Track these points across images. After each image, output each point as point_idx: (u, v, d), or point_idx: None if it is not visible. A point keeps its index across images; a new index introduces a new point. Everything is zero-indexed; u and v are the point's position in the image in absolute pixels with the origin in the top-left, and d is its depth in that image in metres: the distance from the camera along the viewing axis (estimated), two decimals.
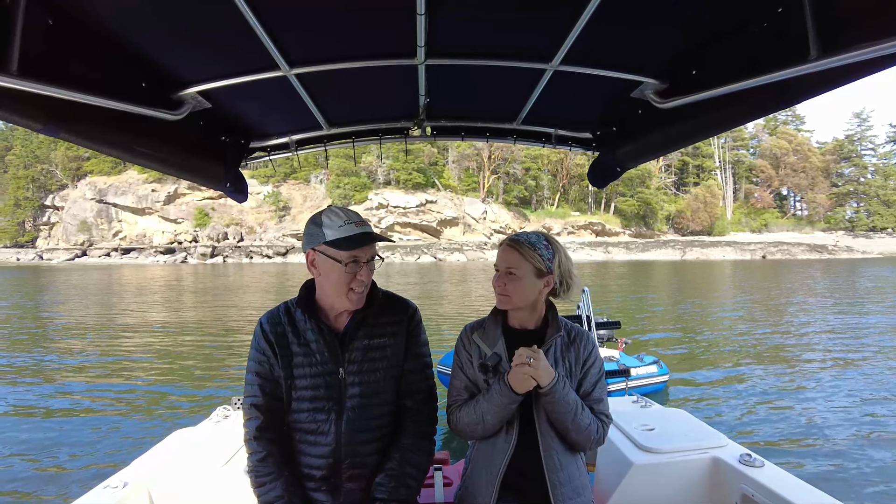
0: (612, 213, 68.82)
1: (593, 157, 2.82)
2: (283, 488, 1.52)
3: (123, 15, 1.44)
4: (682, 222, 71.94)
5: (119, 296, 23.44)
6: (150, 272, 40.90)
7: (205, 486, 2.09)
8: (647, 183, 69.59)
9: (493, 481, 1.59)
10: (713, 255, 56.97)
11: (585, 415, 1.56)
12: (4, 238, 67.89)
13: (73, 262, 57.44)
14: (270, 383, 1.61)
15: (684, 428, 2.42)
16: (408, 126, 2.64)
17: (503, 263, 1.62)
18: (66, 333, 13.59)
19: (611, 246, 59.57)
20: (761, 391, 7.89)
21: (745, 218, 76.85)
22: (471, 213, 62.41)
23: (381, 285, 1.74)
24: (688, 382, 8.39)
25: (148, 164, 1.95)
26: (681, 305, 18.51)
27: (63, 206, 66.26)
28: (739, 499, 1.99)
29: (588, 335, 1.70)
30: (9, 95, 1.20)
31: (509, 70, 1.94)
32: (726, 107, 1.68)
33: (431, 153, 63.12)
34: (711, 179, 77.20)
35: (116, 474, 2.11)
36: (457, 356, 1.74)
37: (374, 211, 59.81)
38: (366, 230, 1.56)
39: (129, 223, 63.73)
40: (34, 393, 8.15)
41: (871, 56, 1.09)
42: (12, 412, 7.26)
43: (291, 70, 1.83)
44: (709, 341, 12.02)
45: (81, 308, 18.90)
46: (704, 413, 6.83)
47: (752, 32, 1.46)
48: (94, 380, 8.92)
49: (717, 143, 79.84)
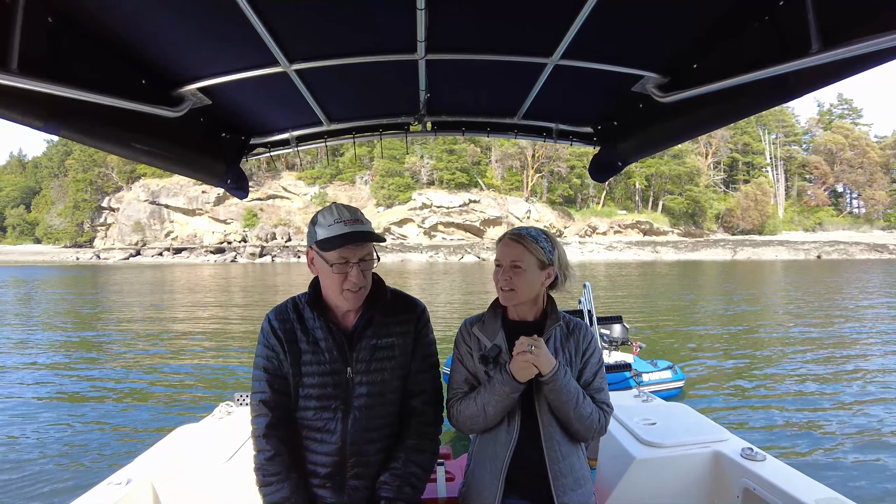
0: (659, 212, 67.34)
1: (594, 152, 2.80)
2: (290, 490, 1.50)
3: (123, 12, 1.43)
4: (732, 221, 69.85)
5: (159, 293, 24.18)
6: (201, 271, 42.23)
7: (208, 482, 2.09)
8: (696, 180, 67.83)
9: (497, 476, 1.60)
10: (765, 255, 55.46)
11: (587, 404, 1.57)
12: (65, 238, 71.25)
13: (127, 261, 59.89)
14: (279, 379, 1.59)
15: (686, 422, 2.43)
16: (408, 121, 2.63)
17: (507, 258, 1.62)
18: (87, 328, 14.03)
19: (659, 245, 58.43)
20: (802, 407, 7.37)
21: (797, 216, 74.18)
22: (514, 212, 61.98)
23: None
24: (706, 389, 8.13)
25: (149, 161, 1.96)
26: (716, 307, 17.97)
27: (118, 207, 69.11)
28: (741, 492, 1.99)
29: (587, 326, 1.72)
30: (9, 93, 1.21)
31: (510, 65, 1.93)
32: (727, 101, 1.67)
33: (475, 152, 63.04)
34: (762, 176, 74.60)
35: (120, 471, 2.10)
36: (456, 349, 1.74)
37: (417, 211, 60.17)
38: (354, 229, 1.51)
39: (181, 223, 65.92)
40: (41, 387, 8.35)
41: (872, 49, 1.09)
42: (14, 405, 7.42)
43: (291, 66, 1.82)
44: (734, 343, 11.58)
45: (111, 304, 19.55)
46: (720, 414, 6.74)
47: (753, 26, 1.46)
48: (98, 376, 9.14)
49: (768, 138, 77.22)
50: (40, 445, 5.94)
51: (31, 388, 8.41)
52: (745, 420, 6.68)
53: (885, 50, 1.10)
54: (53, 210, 73.95)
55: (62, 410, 7.23)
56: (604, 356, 7.49)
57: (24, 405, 7.50)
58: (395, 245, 56.79)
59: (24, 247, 74.68)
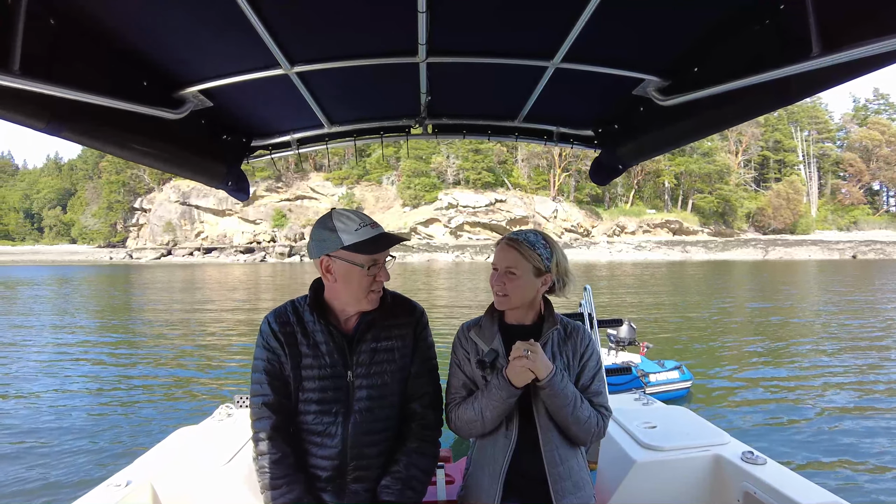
0: (689, 211, 66.29)
1: (595, 155, 2.80)
2: (299, 491, 1.50)
3: (125, 14, 1.42)
4: (763, 220, 68.45)
5: (180, 292, 24.51)
6: (230, 270, 42.84)
7: (208, 483, 2.08)
8: (726, 179, 66.64)
9: (496, 480, 1.59)
10: (798, 255, 54.32)
11: (584, 407, 1.56)
12: (99, 238, 73.25)
13: (158, 261, 61.26)
14: (280, 382, 1.58)
15: (686, 425, 2.42)
16: (409, 124, 2.62)
17: (502, 263, 1.61)
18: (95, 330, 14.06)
19: (689, 245, 57.55)
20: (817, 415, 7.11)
21: (831, 215, 72.22)
22: (541, 211, 61.71)
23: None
24: (713, 390, 7.97)
25: (150, 163, 1.95)
26: (739, 306, 17.58)
27: (150, 208, 70.71)
28: (742, 496, 1.97)
29: (585, 329, 1.71)
30: (11, 95, 1.20)
31: (510, 68, 1.93)
32: (728, 104, 1.66)
33: (500, 152, 62.88)
34: (794, 174, 72.90)
35: (120, 472, 2.10)
36: (454, 354, 1.73)
37: (443, 211, 60.25)
38: (382, 232, 1.56)
39: (211, 224, 67.13)
40: (41, 388, 8.34)
41: (873, 53, 1.08)
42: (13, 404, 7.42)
43: (293, 68, 1.81)
44: (744, 343, 11.27)
45: (130, 303, 19.80)
46: (729, 419, 6.65)
47: (753, 29, 1.45)
48: (103, 375, 9.18)
49: (800, 135, 75.42)
50: (40, 446, 5.93)
51: (31, 389, 8.41)
52: (758, 421, 6.61)
53: (887, 53, 1.08)
54: (88, 211, 76.26)
55: (62, 410, 7.26)
56: (610, 357, 7.15)
57: (24, 405, 7.52)
58: (422, 245, 56.98)
59: (60, 247, 77.11)
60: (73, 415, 7.06)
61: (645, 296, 20.79)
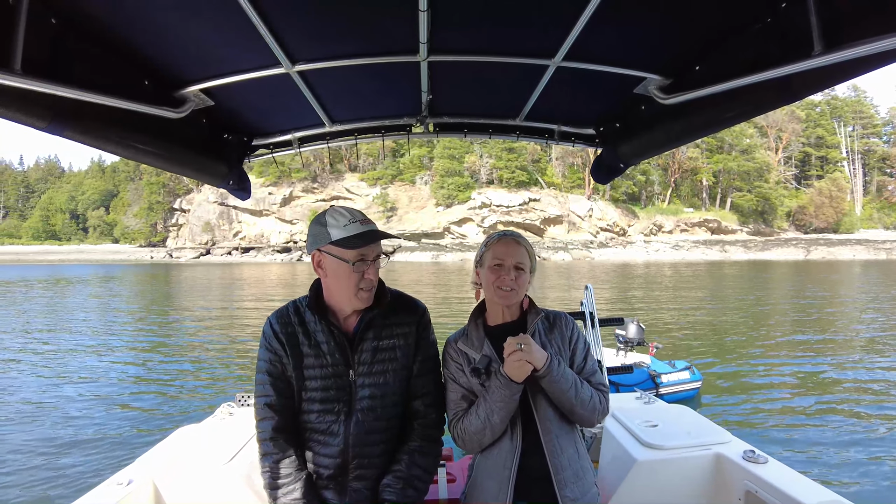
0: (727, 210, 64.79)
1: (596, 154, 2.79)
2: (303, 490, 1.51)
3: (126, 14, 1.42)
4: (805, 219, 66.51)
5: (212, 290, 24.84)
6: (267, 269, 43.49)
7: (210, 482, 2.09)
8: (766, 177, 64.96)
9: (505, 484, 1.60)
10: (841, 255, 52.63)
11: (585, 388, 1.59)
12: (140, 238, 75.59)
13: (198, 260, 62.79)
14: (283, 383, 1.60)
15: (687, 424, 2.41)
16: (410, 123, 2.63)
17: (511, 259, 1.62)
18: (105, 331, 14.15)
19: (727, 244, 56.30)
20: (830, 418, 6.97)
21: (877, 213, 69.88)
22: (576, 210, 61.12)
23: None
24: (724, 390, 7.93)
25: (151, 162, 1.95)
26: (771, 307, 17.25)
27: (189, 208, 72.60)
28: (743, 495, 1.97)
29: (565, 315, 1.74)
30: (13, 94, 1.20)
31: (512, 66, 1.93)
32: (730, 102, 1.66)
33: (534, 150, 62.44)
34: (837, 171, 70.61)
35: (122, 470, 2.10)
36: (446, 369, 1.72)
37: (476, 210, 60.21)
38: (371, 228, 1.57)
39: (248, 224, 68.52)
40: (41, 389, 8.41)
41: (875, 51, 1.08)
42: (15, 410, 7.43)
43: (294, 67, 1.81)
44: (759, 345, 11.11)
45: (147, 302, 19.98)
46: (733, 418, 6.63)
47: (755, 28, 1.46)
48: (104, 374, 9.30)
49: (844, 131, 72.95)
50: (41, 445, 5.98)
51: (33, 387, 8.52)
52: (760, 421, 6.58)
53: (889, 51, 1.07)
54: (130, 212, 78.85)
55: (63, 411, 7.28)
56: (619, 357, 7.00)
57: (24, 405, 7.55)
58: (455, 244, 57.09)
59: (104, 246, 79.91)
60: (74, 413, 7.16)
61: (680, 292, 20.69)
